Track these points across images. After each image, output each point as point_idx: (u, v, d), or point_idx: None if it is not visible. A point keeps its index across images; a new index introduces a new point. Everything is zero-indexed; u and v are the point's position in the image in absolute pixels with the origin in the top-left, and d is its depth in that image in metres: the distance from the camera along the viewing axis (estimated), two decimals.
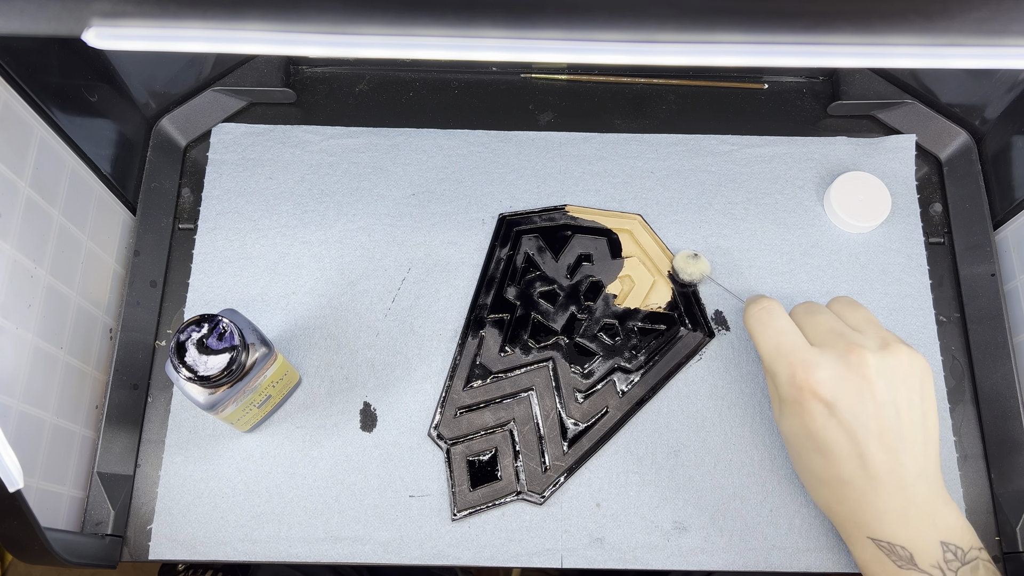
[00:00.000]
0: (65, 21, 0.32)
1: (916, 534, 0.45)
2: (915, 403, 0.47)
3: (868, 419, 0.45)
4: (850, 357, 0.46)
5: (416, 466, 0.57)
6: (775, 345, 0.48)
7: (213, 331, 0.48)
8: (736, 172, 0.65)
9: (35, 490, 0.51)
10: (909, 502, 0.45)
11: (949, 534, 0.45)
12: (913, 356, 0.47)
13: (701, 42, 0.33)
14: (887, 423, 0.45)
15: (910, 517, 0.45)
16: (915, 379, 0.47)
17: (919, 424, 0.46)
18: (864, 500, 0.45)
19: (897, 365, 0.46)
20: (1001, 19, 0.30)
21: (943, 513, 0.45)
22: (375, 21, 0.32)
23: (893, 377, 0.46)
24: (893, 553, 0.45)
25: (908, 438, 0.46)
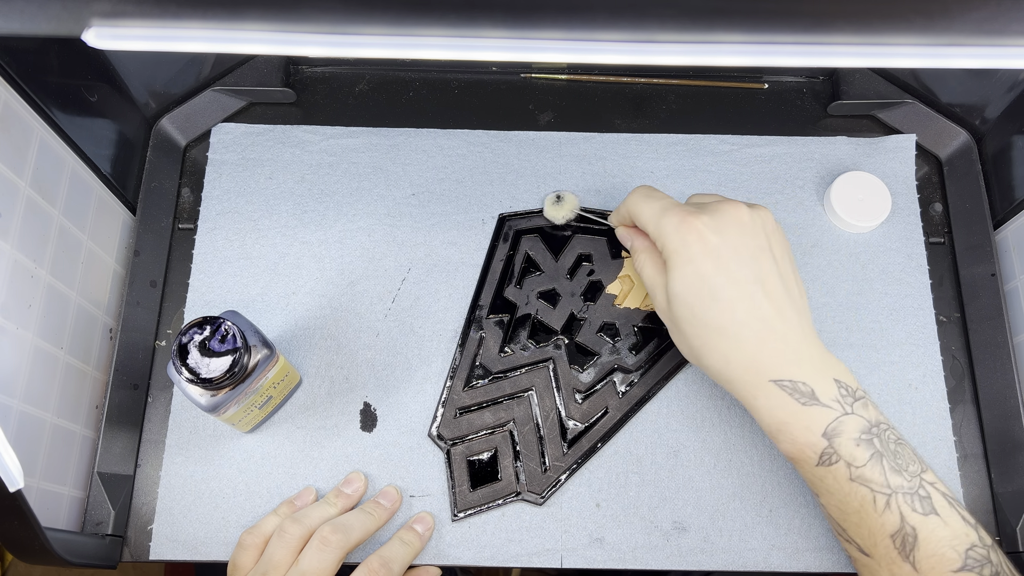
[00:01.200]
0: (65, 21, 0.32)
1: (814, 371, 0.47)
2: (786, 255, 0.50)
3: (752, 260, 0.48)
4: (725, 207, 0.49)
5: (416, 466, 0.57)
6: (660, 207, 0.50)
7: (215, 333, 0.48)
8: (736, 172, 0.65)
9: (35, 490, 0.51)
10: (802, 341, 0.47)
11: (838, 373, 0.48)
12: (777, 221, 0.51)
13: (701, 42, 0.33)
14: (768, 267, 0.48)
15: (805, 356, 0.47)
16: (782, 234, 0.51)
17: (791, 273, 0.50)
18: (762, 341, 0.47)
19: (767, 218, 0.50)
20: (1001, 19, 0.30)
21: (828, 355, 0.48)
22: (375, 21, 0.32)
23: (765, 227, 0.50)
24: (796, 391, 0.46)
25: (788, 283, 0.49)
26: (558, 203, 0.61)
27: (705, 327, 0.48)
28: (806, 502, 0.56)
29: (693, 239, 0.48)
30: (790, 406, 0.46)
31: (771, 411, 0.47)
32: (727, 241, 0.48)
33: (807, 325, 0.48)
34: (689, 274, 0.48)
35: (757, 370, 0.47)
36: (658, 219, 0.50)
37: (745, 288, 0.47)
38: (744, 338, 0.47)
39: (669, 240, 0.49)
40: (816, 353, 0.47)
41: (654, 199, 0.51)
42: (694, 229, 0.48)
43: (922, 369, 0.59)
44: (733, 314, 0.47)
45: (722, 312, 0.47)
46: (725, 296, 0.47)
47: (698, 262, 0.48)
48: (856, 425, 0.46)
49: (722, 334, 0.48)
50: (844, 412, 0.46)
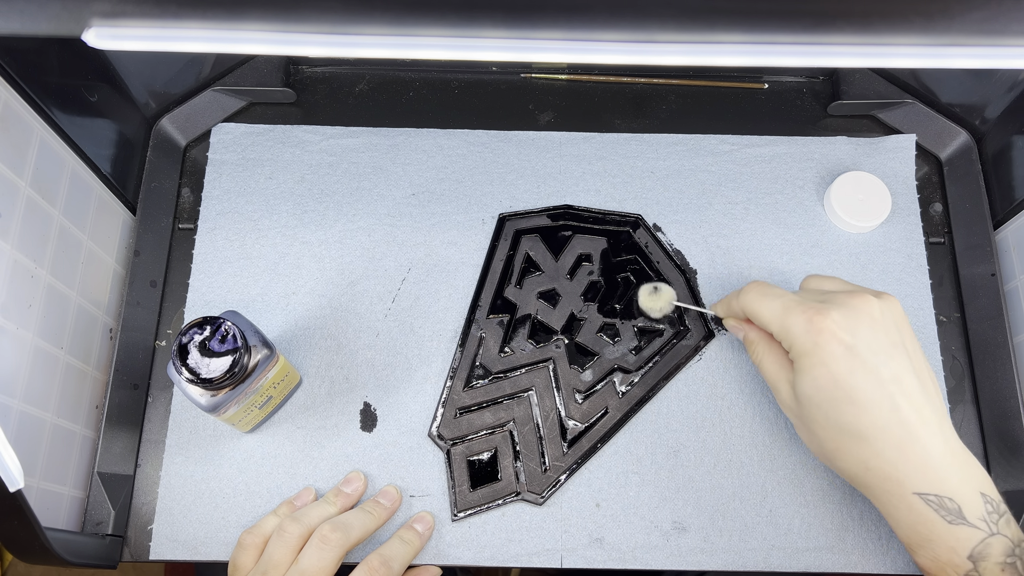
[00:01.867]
0: (65, 21, 0.32)
1: (960, 484, 0.43)
2: (918, 349, 0.47)
3: (888, 359, 0.45)
4: (854, 301, 0.46)
5: (416, 466, 0.57)
6: (782, 306, 0.48)
7: (215, 333, 0.48)
8: (736, 172, 0.65)
9: (35, 490, 0.51)
10: (945, 448, 0.44)
11: (983, 485, 0.44)
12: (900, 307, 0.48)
13: (701, 42, 0.33)
14: (904, 364, 0.45)
15: (950, 466, 0.44)
16: (908, 325, 0.48)
17: (926, 368, 0.47)
18: (904, 449, 0.44)
19: (896, 309, 0.47)
20: (1001, 19, 0.30)
21: (972, 463, 0.45)
22: (375, 21, 0.32)
23: (895, 319, 0.47)
24: (942, 507, 0.43)
25: (924, 380, 0.45)
26: (655, 294, 0.58)
27: (840, 432, 0.45)
28: (806, 502, 0.56)
29: (825, 339, 0.45)
30: (935, 523, 0.43)
31: (914, 526, 0.44)
32: (861, 340, 0.45)
33: (947, 427, 0.45)
34: (822, 376, 0.45)
35: (899, 481, 0.44)
36: (782, 319, 0.47)
37: (884, 390, 0.44)
38: (884, 445, 0.44)
39: (798, 341, 0.46)
40: (960, 461, 0.44)
41: (773, 296, 0.48)
42: (825, 330, 0.45)
43: None
44: (872, 419, 0.44)
45: (860, 417, 0.44)
46: (862, 400, 0.44)
47: (831, 364, 0.45)
48: (1002, 548, 0.43)
49: (860, 440, 0.45)
50: (990, 533, 0.43)
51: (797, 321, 0.46)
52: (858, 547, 0.55)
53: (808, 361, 0.46)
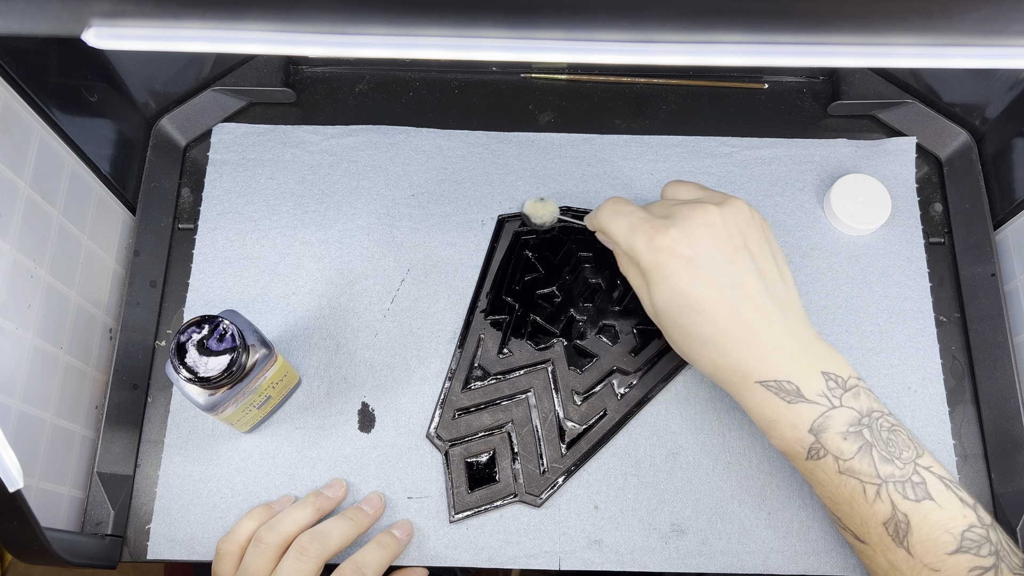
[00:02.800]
0: (65, 21, 0.32)
1: (798, 367, 0.47)
2: (764, 248, 0.50)
3: (728, 265, 0.48)
4: (694, 213, 0.49)
5: (414, 467, 0.57)
6: (628, 224, 0.50)
7: (213, 332, 0.48)
8: (736, 174, 0.65)
9: (35, 490, 0.51)
10: (787, 338, 0.47)
11: (827, 365, 0.47)
12: (751, 207, 0.50)
13: (701, 42, 0.33)
14: (746, 266, 0.48)
15: (789, 352, 0.47)
16: (758, 226, 0.50)
17: (773, 265, 0.49)
18: (745, 346, 0.47)
19: (739, 214, 0.50)
20: (1001, 19, 0.30)
21: (818, 347, 0.48)
22: (375, 21, 0.32)
23: (738, 224, 0.49)
24: (781, 390, 0.47)
25: (769, 278, 0.49)
26: (542, 204, 0.61)
27: (689, 336, 0.49)
28: (804, 504, 0.56)
29: (665, 257, 0.48)
30: (776, 405, 0.47)
31: (759, 410, 0.48)
32: (699, 250, 0.48)
33: (793, 318, 0.48)
34: (667, 290, 0.48)
35: (743, 373, 0.48)
36: (628, 239, 0.50)
37: (724, 295, 0.47)
38: (728, 344, 0.47)
39: (643, 259, 0.49)
40: (803, 348, 0.48)
41: (621, 215, 0.51)
42: (664, 247, 0.48)
43: (922, 372, 0.59)
44: (715, 323, 0.47)
45: (704, 323, 0.48)
46: (706, 307, 0.47)
47: (673, 278, 0.48)
48: (844, 418, 0.46)
49: (707, 343, 0.48)
50: (831, 406, 0.46)
51: (640, 240, 0.49)
52: None
53: (653, 277, 0.49)
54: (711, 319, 0.47)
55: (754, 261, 0.49)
